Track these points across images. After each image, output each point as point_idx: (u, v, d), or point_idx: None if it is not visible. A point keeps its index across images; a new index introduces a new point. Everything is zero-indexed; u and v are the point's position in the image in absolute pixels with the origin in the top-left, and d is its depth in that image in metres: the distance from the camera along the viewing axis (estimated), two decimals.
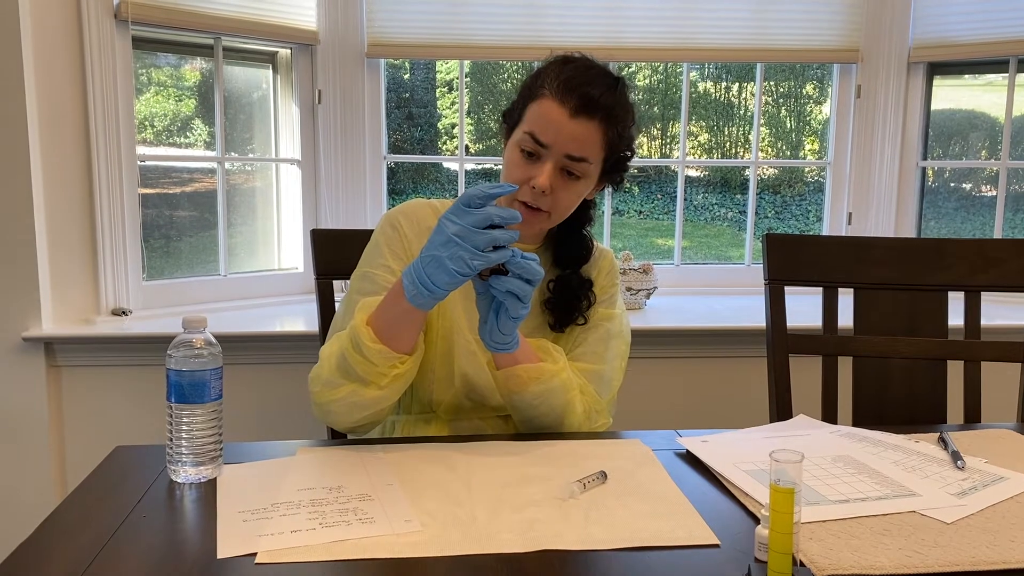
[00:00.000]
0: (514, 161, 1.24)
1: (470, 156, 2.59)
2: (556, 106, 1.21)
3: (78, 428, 2.02)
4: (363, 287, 1.30)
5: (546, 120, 1.21)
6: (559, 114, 1.20)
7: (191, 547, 0.87)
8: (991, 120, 2.60)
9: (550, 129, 1.21)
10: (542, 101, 1.22)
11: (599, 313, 1.37)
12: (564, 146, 1.21)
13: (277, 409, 2.07)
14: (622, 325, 1.40)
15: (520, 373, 1.21)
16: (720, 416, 2.21)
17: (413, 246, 1.31)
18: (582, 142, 1.22)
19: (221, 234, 2.30)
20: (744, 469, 1.08)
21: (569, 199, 1.26)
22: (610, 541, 0.88)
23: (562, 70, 1.24)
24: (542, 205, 1.23)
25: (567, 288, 1.34)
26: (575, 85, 1.21)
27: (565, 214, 1.28)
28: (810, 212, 6.11)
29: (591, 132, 1.22)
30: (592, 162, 1.24)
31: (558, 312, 1.34)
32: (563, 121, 1.20)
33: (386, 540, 0.87)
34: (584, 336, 1.35)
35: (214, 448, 1.04)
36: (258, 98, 2.41)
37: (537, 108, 1.23)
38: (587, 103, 1.20)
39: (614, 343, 1.37)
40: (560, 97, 1.21)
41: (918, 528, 0.92)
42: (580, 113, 1.20)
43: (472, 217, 1.05)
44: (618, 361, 1.38)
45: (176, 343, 1.02)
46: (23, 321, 1.94)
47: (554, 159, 1.22)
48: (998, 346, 1.55)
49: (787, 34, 2.43)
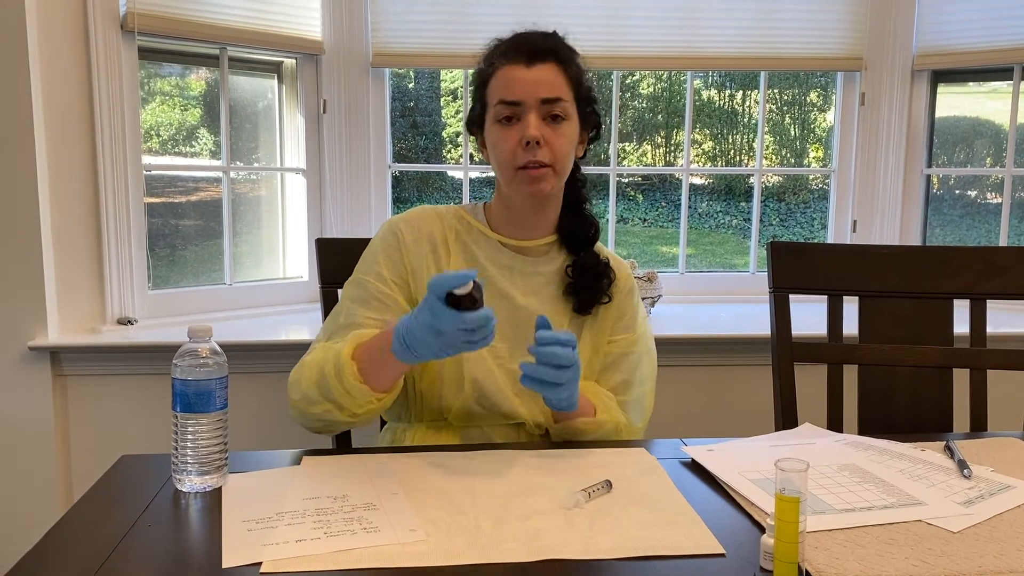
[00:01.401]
0: (498, 135, 1.28)
1: (474, 164, 2.60)
2: (511, 67, 1.26)
3: (84, 437, 2.02)
4: (355, 293, 1.31)
5: (508, 81, 1.26)
6: (517, 70, 1.26)
7: (196, 556, 0.87)
8: (996, 127, 2.60)
9: (515, 86, 1.25)
10: (497, 73, 1.28)
11: (622, 341, 1.38)
12: (534, 92, 1.25)
13: (282, 418, 2.07)
14: (648, 344, 1.42)
15: (579, 426, 1.26)
16: (725, 425, 2.20)
17: (412, 254, 1.31)
18: (549, 84, 1.26)
19: (226, 243, 2.31)
20: (749, 478, 1.07)
21: (562, 144, 1.28)
22: (615, 550, 0.88)
23: (500, 43, 1.31)
24: (542, 158, 1.25)
25: (585, 270, 1.35)
26: (518, 44, 1.28)
27: (565, 162, 1.29)
28: (815, 220, 6.11)
29: (552, 73, 1.27)
30: (566, 100, 1.28)
31: (581, 296, 1.35)
32: (523, 73, 1.26)
33: (391, 549, 0.87)
34: (615, 365, 1.37)
35: (219, 457, 1.04)
36: (263, 108, 2.42)
37: (496, 80, 1.28)
38: (536, 51, 1.27)
39: (642, 366, 1.39)
40: (511, 58, 1.27)
41: (924, 537, 0.92)
42: (534, 60, 1.26)
43: (447, 323, 1.03)
44: (648, 384, 1.40)
45: (181, 352, 1.03)
46: (29, 330, 1.94)
47: (533, 110, 1.25)
48: (1004, 354, 1.54)
49: (791, 42, 2.43)
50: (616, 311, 1.38)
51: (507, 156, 1.26)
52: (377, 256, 1.33)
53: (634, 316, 1.40)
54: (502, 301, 1.31)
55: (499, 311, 1.30)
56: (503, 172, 1.29)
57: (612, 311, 1.38)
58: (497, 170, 1.31)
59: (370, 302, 1.29)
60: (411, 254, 1.31)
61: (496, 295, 1.31)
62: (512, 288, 1.33)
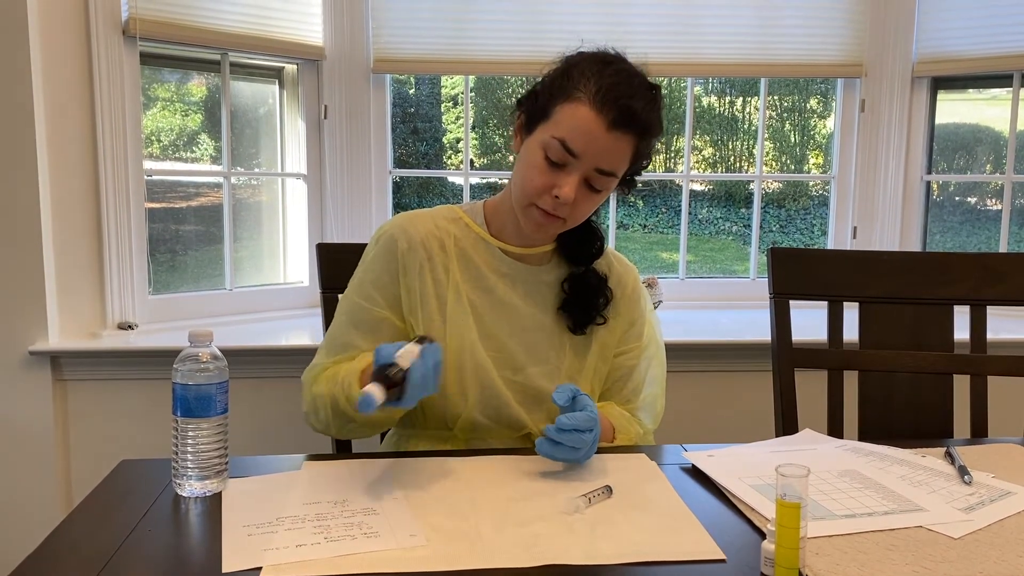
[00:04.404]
0: (536, 165, 1.18)
1: (475, 170, 2.60)
2: (593, 116, 1.13)
3: (84, 442, 2.02)
4: (351, 312, 1.29)
5: (580, 129, 1.14)
6: (596, 125, 1.13)
7: (196, 561, 0.87)
8: (995, 134, 2.60)
9: (584, 139, 1.14)
10: (577, 106, 1.14)
11: (633, 351, 1.37)
12: (595, 159, 1.15)
13: (283, 423, 2.07)
14: (656, 345, 1.41)
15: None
16: (725, 430, 2.20)
17: (407, 260, 1.27)
18: (614, 156, 1.16)
19: (227, 248, 2.31)
20: (750, 483, 1.07)
21: (587, 209, 1.23)
22: (616, 556, 0.88)
23: (601, 74, 1.15)
24: (560, 213, 1.19)
25: (582, 287, 1.31)
26: (617, 96, 1.13)
27: (580, 222, 1.25)
28: (815, 226, 6.12)
29: (624, 146, 1.16)
30: (618, 175, 1.20)
31: (576, 314, 1.31)
32: (599, 133, 1.13)
33: (391, 554, 0.87)
34: (627, 377, 1.36)
35: (219, 462, 1.04)
36: (264, 113, 2.43)
37: (571, 112, 1.15)
38: (627, 117, 1.13)
39: (652, 369, 1.39)
40: (599, 107, 1.13)
41: (925, 543, 0.92)
42: (618, 127, 1.13)
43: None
44: (658, 386, 1.40)
45: (182, 357, 1.03)
46: (30, 335, 1.94)
47: (581, 171, 1.16)
48: (1004, 360, 1.54)
49: (791, 49, 2.44)
50: (627, 319, 1.37)
51: (532, 188, 1.18)
52: (368, 275, 1.29)
53: (643, 324, 1.39)
54: (504, 309, 1.29)
55: (501, 319, 1.30)
56: (519, 194, 1.22)
57: (623, 318, 1.36)
58: (515, 183, 1.23)
59: (361, 327, 1.27)
60: (407, 259, 1.27)
61: (497, 303, 1.29)
62: (514, 296, 1.30)
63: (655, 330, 1.42)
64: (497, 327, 1.29)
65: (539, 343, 1.30)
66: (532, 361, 1.29)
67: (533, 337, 1.30)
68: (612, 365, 1.36)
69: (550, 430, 1.08)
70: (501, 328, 1.29)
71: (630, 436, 1.31)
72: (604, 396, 1.37)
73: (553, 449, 1.09)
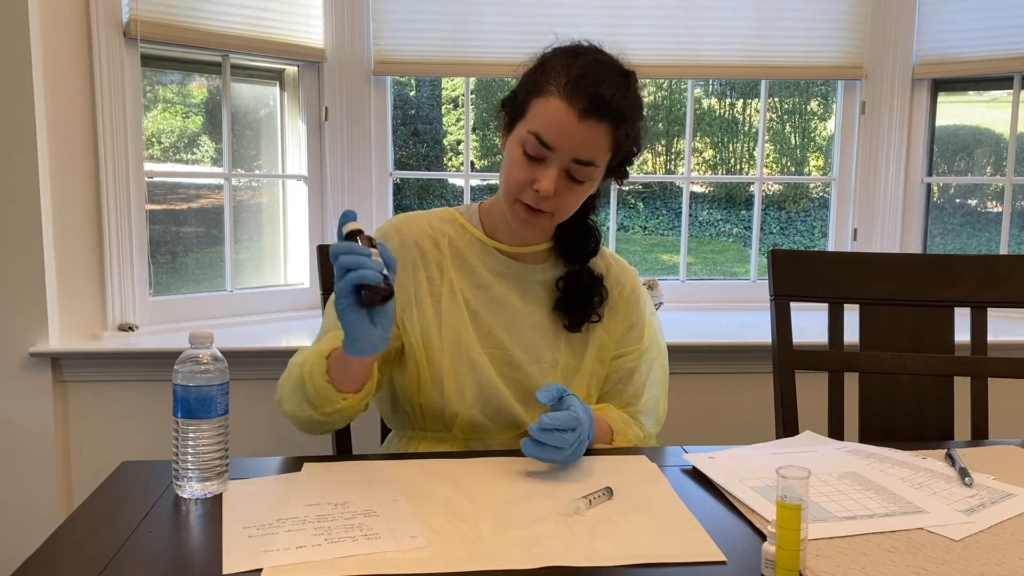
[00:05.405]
0: (516, 160, 1.19)
1: (475, 172, 2.61)
2: (564, 107, 1.14)
3: (84, 443, 2.02)
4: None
5: (552, 122, 1.15)
6: (567, 116, 1.14)
7: (197, 563, 0.87)
8: (996, 136, 2.60)
9: (556, 131, 1.15)
10: (548, 99, 1.16)
11: (632, 354, 1.37)
12: (571, 150, 1.16)
13: (283, 425, 2.06)
14: (657, 347, 1.41)
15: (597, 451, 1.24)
16: (726, 432, 2.20)
17: (400, 257, 1.27)
18: (590, 145, 1.16)
19: (228, 250, 2.31)
20: (751, 485, 1.07)
21: (573, 201, 1.23)
22: (616, 557, 0.88)
23: (571, 65, 1.16)
24: (544, 207, 1.20)
25: (577, 286, 1.31)
26: (585, 84, 1.14)
27: (568, 215, 1.25)
28: (815, 228, 6.12)
29: (600, 134, 1.16)
30: (599, 165, 1.20)
31: (571, 313, 1.31)
32: (571, 123, 1.14)
33: (391, 556, 0.87)
34: (627, 380, 1.36)
35: (220, 463, 1.04)
36: (265, 115, 2.43)
37: (543, 106, 1.16)
38: (597, 104, 1.14)
39: (653, 371, 1.38)
40: (569, 97, 1.14)
41: (926, 545, 0.92)
42: (590, 115, 1.14)
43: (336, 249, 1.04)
44: (660, 388, 1.40)
45: (183, 358, 1.03)
46: (30, 336, 1.94)
47: (559, 163, 1.17)
48: (1005, 362, 1.54)
49: (791, 51, 2.44)
50: (625, 321, 1.37)
51: (514, 184, 1.20)
52: None
53: (643, 327, 1.39)
54: (500, 307, 1.30)
55: (497, 317, 1.30)
56: (505, 191, 1.23)
57: (621, 321, 1.36)
58: (501, 181, 1.25)
59: None
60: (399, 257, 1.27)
61: (493, 301, 1.30)
62: (510, 294, 1.31)
63: (656, 333, 1.42)
64: (493, 324, 1.29)
65: (536, 341, 1.30)
66: (529, 358, 1.29)
67: (530, 335, 1.30)
68: (611, 368, 1.36)
69: (533, 429, 1.09)
70: (497, 325, 1.29)
71: (629, 438, 1.31)
72: (604, 399, 1.37)
73: (536, 449, 1.09)
